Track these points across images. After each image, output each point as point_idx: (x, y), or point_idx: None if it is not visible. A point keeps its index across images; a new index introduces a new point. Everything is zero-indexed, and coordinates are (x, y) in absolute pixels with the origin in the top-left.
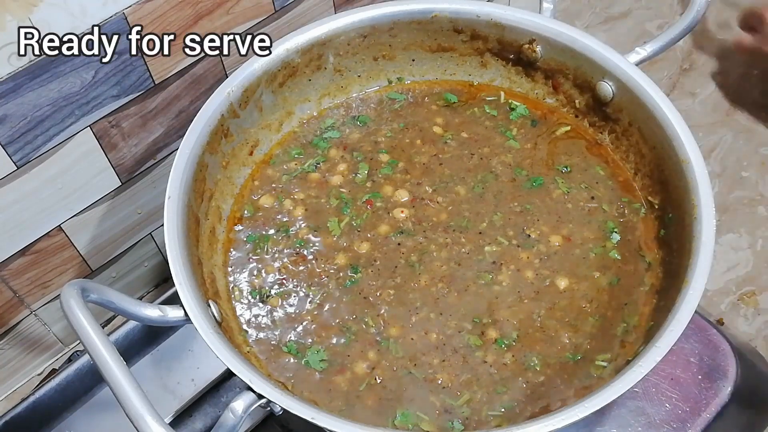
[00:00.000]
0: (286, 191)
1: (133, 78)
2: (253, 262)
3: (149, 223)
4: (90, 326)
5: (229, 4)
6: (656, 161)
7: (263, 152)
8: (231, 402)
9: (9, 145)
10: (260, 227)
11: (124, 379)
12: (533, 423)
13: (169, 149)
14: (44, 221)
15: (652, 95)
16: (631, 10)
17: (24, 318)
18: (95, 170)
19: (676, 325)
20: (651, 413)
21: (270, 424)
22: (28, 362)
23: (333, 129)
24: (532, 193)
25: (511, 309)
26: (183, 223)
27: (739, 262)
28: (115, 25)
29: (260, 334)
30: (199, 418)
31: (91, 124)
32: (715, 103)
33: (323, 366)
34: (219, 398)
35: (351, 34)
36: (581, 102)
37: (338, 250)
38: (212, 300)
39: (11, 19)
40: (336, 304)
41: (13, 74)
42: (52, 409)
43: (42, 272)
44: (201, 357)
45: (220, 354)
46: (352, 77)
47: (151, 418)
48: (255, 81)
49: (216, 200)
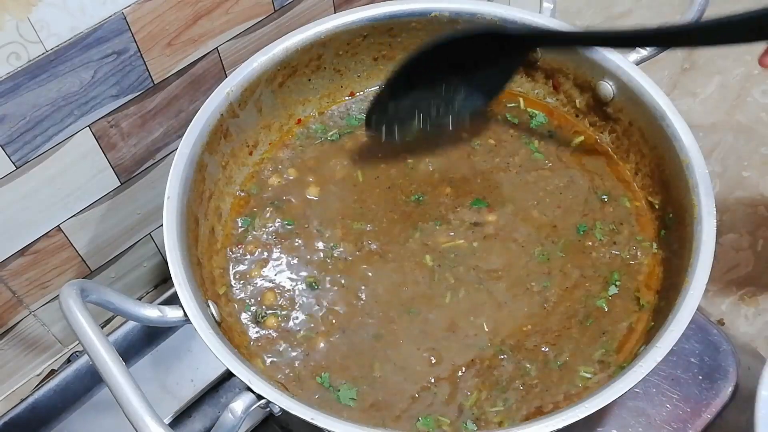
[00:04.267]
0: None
1: (132, 78)
2: (251, 260)
3: (148, 223)
4: (89, 327)
5: (229, 4)
6: (657, 161)
7: (261, 152)
8: (230, 402)
9: (8, 145)
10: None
11: (123, 379)
12: (534, 423)
13: (169, 149)
14: (43, 221)
15: (653, 95)
16: (632, 10)
17: (23, 318)
18: (94, 170)
19: (676, 326)
20: (651, 414)
21: (270, 424)
22: (27, 363)
23: (334, 129)
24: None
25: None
26: (182, 223)
27: (740, 263)
28: (114, 25)
29: (260, 333)
30: (199, 419)
31: (90, 124)
32: (715, 103)
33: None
34: (218, 399)
35: (351, 34)
36: (581, 102)
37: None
38: (211, 300)
39: (10, 18)
40: (340, 308)
41: (12, 74)
42: (51, 409)
43: (41, 272)
44: (200, 357)
45: (219, 354)
46: (352, 77)
47: (151, 418)
48: (254, 81)
49: (215, 200)
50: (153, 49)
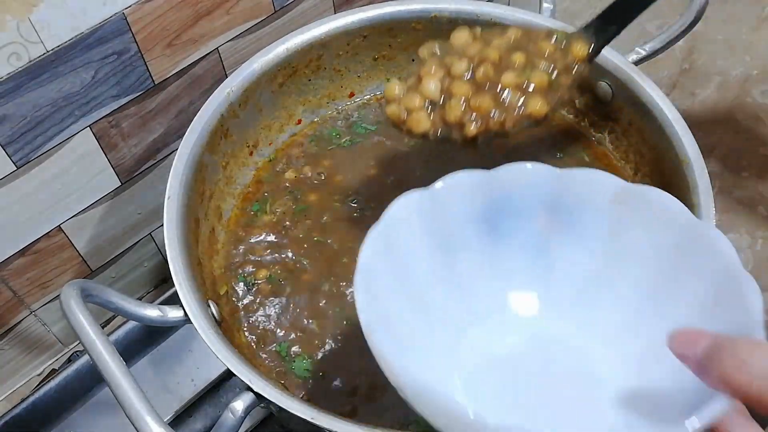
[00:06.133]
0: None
1: (133, 78)
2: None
3: (149, 223)
4: (90, 326)
5: (229, 4)
6: (656, 161)
7: (263, 153)
8: (231, 402)
9: (8, 145)
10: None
11: (123, 379)
12: None
13: (169, 149)
14: (44, 221)
15: (652, 95)
16: None
17: (24, 318)
18: (95, 170)
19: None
20: None
21: (270, 424)
22: (27, 362)
23: (334, 130)
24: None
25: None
26: (183, 223)
27: None
28: (114, 26)
29: (260, 333)
30: (199, 419)
31: (90, 124)
32: (715, 103)
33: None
34: (219, 398)
35: (351, 34)
36: (581, 102)
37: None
38: (212, 300)
39: (11, 18)
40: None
41: (13, 74)
42: (52, 409)
43: (42, 272)
44: (201, 357)
45: (219, 354)
46: (352, 77)
47: (151, 418)
48: (255, 81)
49: (216, 200)
50: (153, 50)
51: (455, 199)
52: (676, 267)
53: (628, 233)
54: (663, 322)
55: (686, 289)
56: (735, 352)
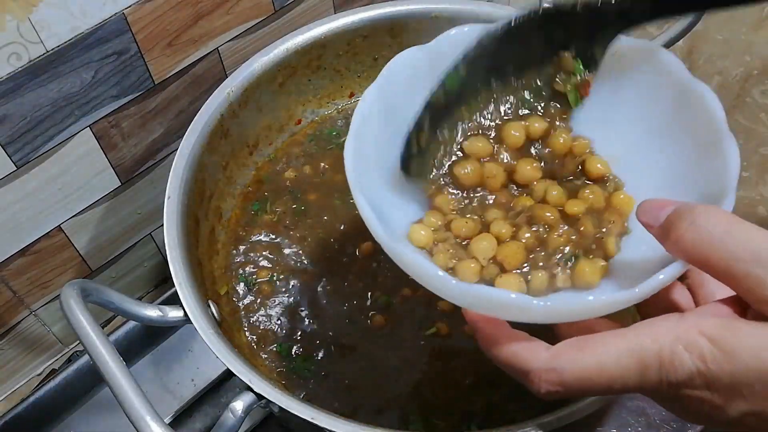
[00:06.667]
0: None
1: (133, 78)
2: (252, 260)
3: (149, 223)
4: (90, 326)
5: (229, 4)
6: None
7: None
8: (231, 402)
9: (9, 145)
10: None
11: (123, 379)
12: (533, 422)
13: (169, 149)
14: (44, 221)
15: None
16: None
17: (24, 318)
18: (95, 170)
19: None
20: (651, 413)
21: (270, 424)
22: (27, 362)
23: (334, 129)
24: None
25: None
26: (183, 223)
27: None
28: (114, 26)
29: (260, 333)
30: (199, 419)
31: (90, 124)
32: None
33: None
34: (219, 398)
35: (351, 34)
36: None
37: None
38: (212, 300)
39: (11, 19)
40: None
41: (13, 74)
42: (52, 409)
43: (42, 272)
44: (201, 357)
45: (219, 354)
46: (352, 77)
47: (151, 418)
48: (254, 81)
49: (216, 200)
50: (153, 50)
51: (457, 52)
52: (669, 122)
53: (629, 88)
54: (650, 178)
55: (676, 143)
56: (690, 217)
